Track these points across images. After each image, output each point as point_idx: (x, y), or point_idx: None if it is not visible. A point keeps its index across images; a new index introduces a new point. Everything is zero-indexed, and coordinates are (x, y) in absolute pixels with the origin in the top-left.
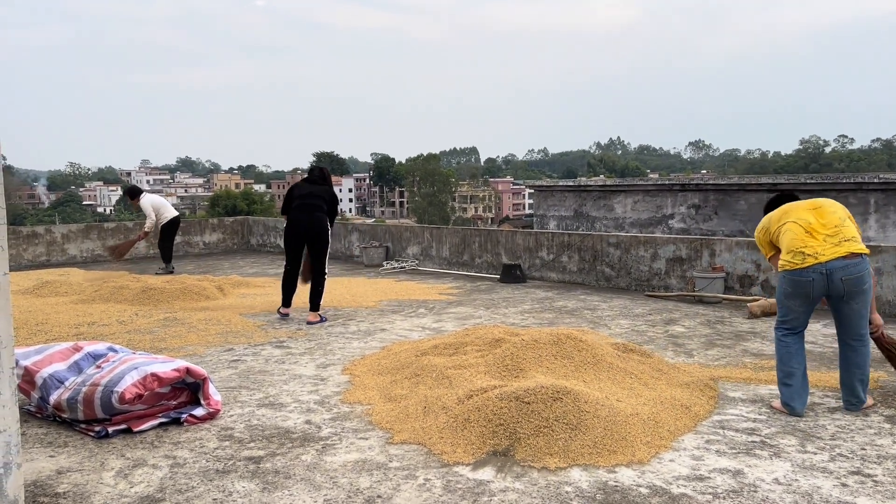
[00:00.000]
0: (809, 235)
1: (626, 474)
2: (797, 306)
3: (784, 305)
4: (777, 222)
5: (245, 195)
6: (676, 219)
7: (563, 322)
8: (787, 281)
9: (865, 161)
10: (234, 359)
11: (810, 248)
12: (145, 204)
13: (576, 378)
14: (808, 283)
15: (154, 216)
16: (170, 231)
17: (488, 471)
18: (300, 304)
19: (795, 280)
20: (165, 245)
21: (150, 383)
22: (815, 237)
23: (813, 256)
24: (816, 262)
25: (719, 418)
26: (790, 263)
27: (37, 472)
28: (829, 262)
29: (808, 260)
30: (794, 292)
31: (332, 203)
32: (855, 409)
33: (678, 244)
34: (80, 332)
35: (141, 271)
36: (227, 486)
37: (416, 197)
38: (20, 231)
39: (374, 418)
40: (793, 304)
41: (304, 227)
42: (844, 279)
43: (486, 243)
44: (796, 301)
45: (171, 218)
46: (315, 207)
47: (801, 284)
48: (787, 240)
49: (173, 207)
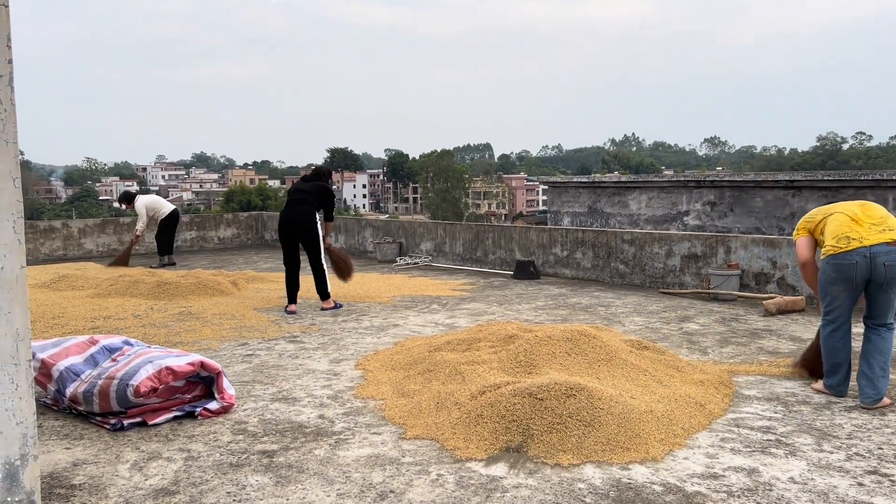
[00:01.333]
0: (855, 223)
1: (640, 472)
2: (841, 292)
3: (828, 294)
4: (824, 213)
5: (259, 191)
6: (692, 215)
7: (577, 319)
8: (830, 266)
9: (884, 158)
10: (248, 353)
11: (855, 233)
12: (139, 207)
13: (589, 375)
14: (851, 267)
15: (146, 218)
16: (168, 225)
17: (501, 467)
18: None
19: (839, 264)
20: (164, 238)
21: (164, 377)
22: (861, 224)
23: (857, 240)
24: (861, 245)
25: (734, 416)
26: (834, 248)
27: (53, 463)
28: (874, 247)
29: (853, 244)
30: (838, 276)
31: (321, 197)
32: (871, 401)
33: (693, 241)
34: (96, 325)
35: (150, 265)
36: (240, 480)
37: (430, 193)
38: (37, 225)
39: (387, 413)
40: (836, 289)
41: (290, 221)
42: (887, 264)
43: (499, 239)
44: (840, 286)
45: (169, 213)
46: (301, 202)
47: (845, 268)
48: (832, 227)
49: (170, 203)
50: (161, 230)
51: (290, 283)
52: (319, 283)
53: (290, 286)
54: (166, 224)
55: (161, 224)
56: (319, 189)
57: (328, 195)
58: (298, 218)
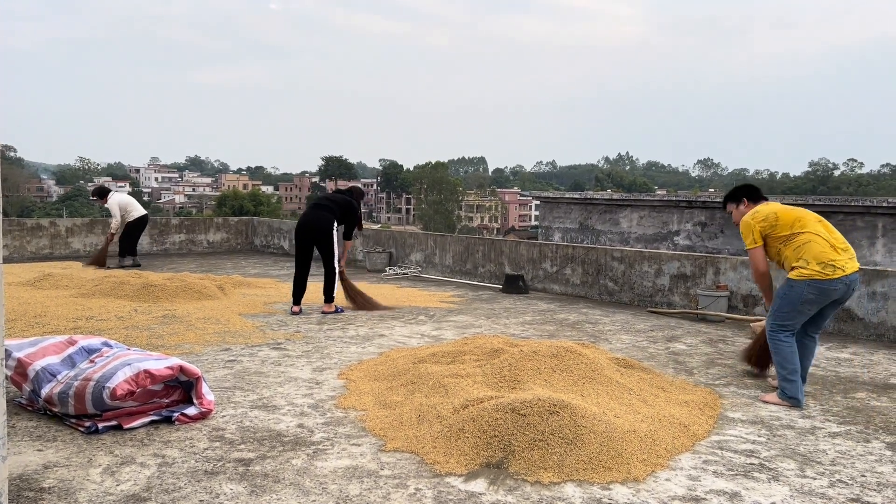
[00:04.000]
0: (833, 250)
1: (621, 492)
2: (811, 310)
3: (799, 311)
4: (788, 227)
5: (253, 196)
6: (682, 235)
7: (564, 335)
8: (813, 288)
9: (874, 186)
10: (231, 359)
11: (839, 263)
12: (112, 204)
13: (574, 392)
14: (833, 292)
15: (119, 215)
16: (135, 229)
17: (480, 483)
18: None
19: (825, 289)
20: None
21: (142, 380)
22: (839, 253)
23: (841, 269)
24: (844, 274)
25: (718, 438)
26: (821, 274)
27: (23, 465)
28: (851, 275)
29: (838, 272)
30: (817, 299)
31: (345, 211)
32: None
33: (683, 261)
34: (78, 326)
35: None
36: (214, 488)
37: (423, 204)
38: (24, 223)
39: (367, 424)
40: (809, 308)
41: (308, 222)
42: (854, 289)
43: (489, 253)
44: (813, 307)
45: (139, 216)
46: (324, 208)
47: (828, 293)
48: (815, 252)
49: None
50: (127, 232)
51: (297, 284)
52: (328, 286)
53: (296, 288)
54: (134, 227)
55: (128, 227)
56: (346, 203)
57: (352, 212)
58: (317, 220)
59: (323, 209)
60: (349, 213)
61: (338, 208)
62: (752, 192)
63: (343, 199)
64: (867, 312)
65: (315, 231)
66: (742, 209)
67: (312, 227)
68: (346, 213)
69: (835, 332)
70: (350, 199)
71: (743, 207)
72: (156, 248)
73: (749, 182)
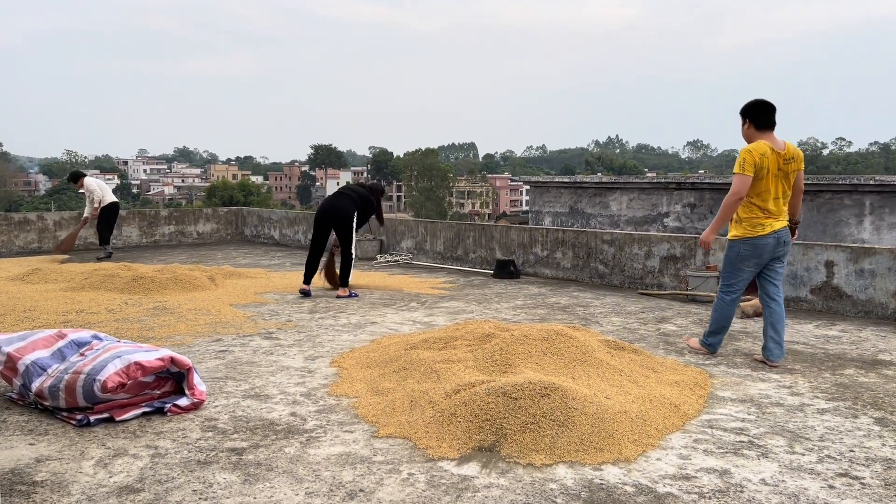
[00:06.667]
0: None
1: (612, 472)
2: (748, 267)
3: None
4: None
5: (242, 186)
6: (671, 217)
7: (555, 318)
8: (746, 245)
9: (862, 164)
10: (222, 349)
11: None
12: (90, 182)
13: (565, 374)
14: (766, 247)
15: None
16: (107, 216)
17: (473, 466)
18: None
19: (755, 243)
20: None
21: (133, 372)
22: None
23: (770, 227)
24: (773, 230)
25: (708, 417)
26: (751, 232)
27: (15, 459)
28: (780, 230)
29: (767, 229)
30: (752, 254)
31: (362, 201)
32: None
33: (672, 242)
34: (68, 319)
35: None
36: (207, 478)
37: (414, 191)
38: (12, 217)
39: (360, 411)
40: (746, 265)
41: (331, 207)
42: (784, 242)
43: (480, 238)
44: (750, 263)
45: (110, 202)
46: (346, 196)
47: (761, 247)
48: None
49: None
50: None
51: (310, 263)
52: (344, 270)
53: (308, 266)
54: (104, 214)
55: (102, 212)
56: (365, 198)
57: (369, 206)
58: (339, 206)
59: (346, 198)
60: (366, 208)
61: (359, 199)
62: (758, 118)
63: (364, 194)
64: (855, 290)
65: (337, 217)
66: (745, 129)
67: (335, 213)
68: (364, 208)
69: (823, 309)
70: (369, 196)
71: (745, 128)
72: (145, 240)
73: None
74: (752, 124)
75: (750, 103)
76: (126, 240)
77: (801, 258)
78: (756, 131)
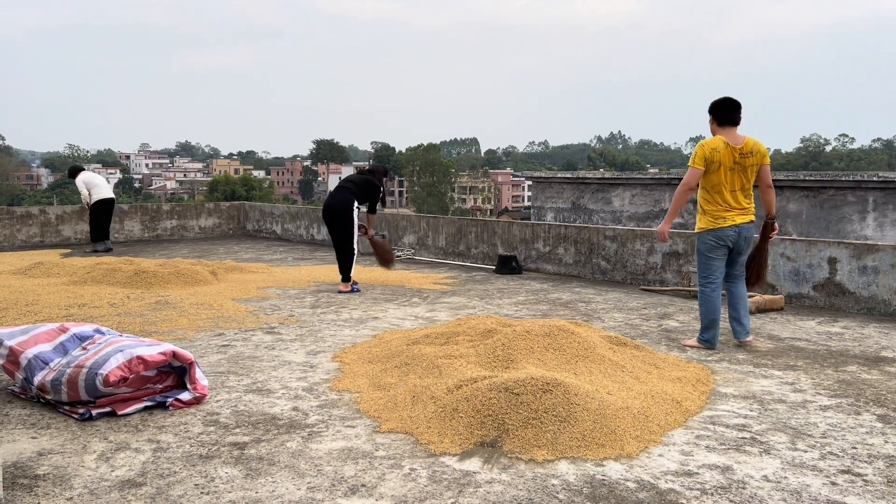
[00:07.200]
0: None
1: (614, 468)
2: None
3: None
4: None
5: (244, 181)
6: None
7: (557, 314)
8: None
9: (865, 161)
10: (224, 344)
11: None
12: (78, 181)
13: (567, 370)
14: (728, 237)
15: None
16: (98, 212)
17: (475, 462)
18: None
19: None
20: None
21: (135, 366)
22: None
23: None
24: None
25: (710, 414)
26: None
27: (18, 453)
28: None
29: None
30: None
31: (366, 190)
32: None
33: (675, 238)
34: (71, 313)
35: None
36: (209, 472)
37: (416, 187)
38: (14, 211)
39: (362, 406)
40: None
41: (330, 205)
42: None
43: (482, 234)
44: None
45: (104, 198)
46: (345, 189)
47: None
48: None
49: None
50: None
51: (340, 260)
52: (342, 265)
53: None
54: (100, 209)
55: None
56: (366, 182)
57: (373, 190)
58: (336, 203)
59: (343, 191)
60: (371, 192)
61: (357, 189)
62: (720, 115)
63: (363, 179)
64: (858, 286)
65: (333, 215)
66: (710, 125)
67: (332, 212)
68: (368, 192)
69: (826, 306)
70: (371, 178)
71: (710, 124)
72: (147, 235)
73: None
74: (715, 121)
75: (715, 101)
76: (128, 234)
77: (804, 255)
78: (718, 127)
